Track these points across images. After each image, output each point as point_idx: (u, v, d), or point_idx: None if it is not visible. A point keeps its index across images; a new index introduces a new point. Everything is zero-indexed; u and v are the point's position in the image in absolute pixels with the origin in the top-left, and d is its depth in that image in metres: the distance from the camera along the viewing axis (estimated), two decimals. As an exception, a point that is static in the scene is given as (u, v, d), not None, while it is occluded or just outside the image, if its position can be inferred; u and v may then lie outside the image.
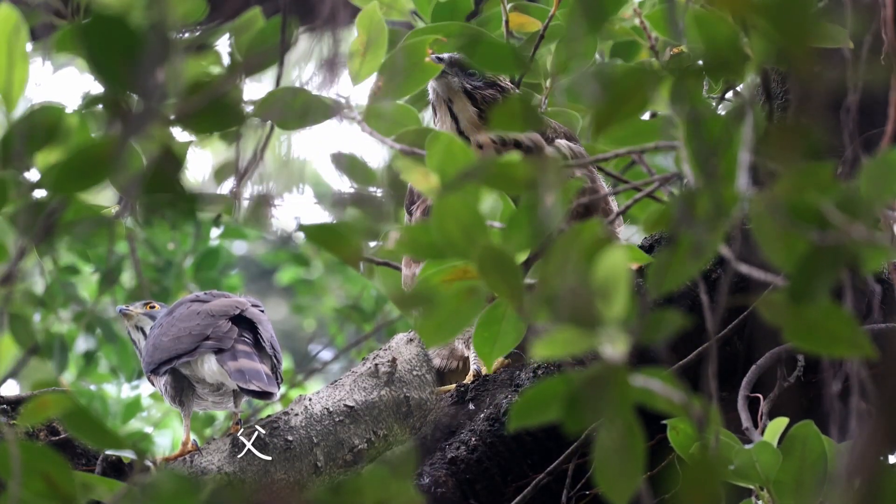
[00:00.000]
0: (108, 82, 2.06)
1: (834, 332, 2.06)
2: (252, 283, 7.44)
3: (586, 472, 3.30)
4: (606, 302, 1.99)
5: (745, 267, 2.12)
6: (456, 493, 3.33)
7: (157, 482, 2.24)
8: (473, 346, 2.63)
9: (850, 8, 2.75)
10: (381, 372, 3.49)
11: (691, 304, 3.32)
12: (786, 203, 2.01)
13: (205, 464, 3.36)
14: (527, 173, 2.16)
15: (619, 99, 2.12)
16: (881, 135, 2.48)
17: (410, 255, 2.83)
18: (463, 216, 2.23)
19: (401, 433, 3.46)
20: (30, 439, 3.36)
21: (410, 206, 3.64)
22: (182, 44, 2.06)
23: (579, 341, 2.00)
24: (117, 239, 5.10)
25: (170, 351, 3.47)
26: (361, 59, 3.12)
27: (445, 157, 2.37)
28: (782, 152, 2.00)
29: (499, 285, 2.21)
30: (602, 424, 2.02)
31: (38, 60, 3.29)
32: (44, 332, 5.31)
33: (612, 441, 2.01)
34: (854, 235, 1.98)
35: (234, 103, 2.10)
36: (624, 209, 2.50)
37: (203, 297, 3.64)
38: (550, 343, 2.00)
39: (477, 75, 3.59)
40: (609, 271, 1.99)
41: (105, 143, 2.11)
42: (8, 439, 2.26)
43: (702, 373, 2.87)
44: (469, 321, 2.33)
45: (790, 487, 2.85)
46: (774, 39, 2.08)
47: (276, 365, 3.49)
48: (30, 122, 2.29)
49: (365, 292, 5.91)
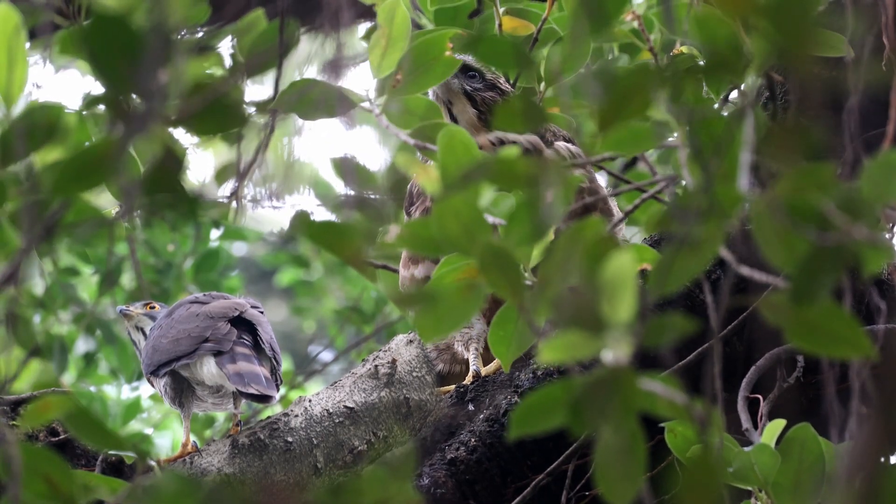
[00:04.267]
0: (109, 83, 2.06)
1: (836, 333, 2.06)
2: (252, 284, 7.44)
3: (586, 473, 3.30)
4: (611, 305, 1.99)
5: (746, 268, 2.13)
6: (455, 493, 3.33)
7: (159, 482, 2.25)
8: (490, 346, 2.63)
9: (850, 10, 2.76)
10: (381, 373, 3.50)
11: (691, 305, 3.32)
12: (787, 203, 2.01)
13: (205, 465, 3.36)
14: (527, 170, 2.16)
15: (622, 100, 2.12)
16: (882, 135, 2.49)
17: (410, 250, 2.83)
18: (463, 213, 2.23)
19: (401, 434, 3.47)
20: (29, 440, 3.36)
21: (409, 207, 3.64)
22: (184, 45, 2.07)
23: (584, 346, 2.00)
24: (117, 240, 5.11)
25: (169, 353, 3.46)
26: (382, 52, 3.12)
27: (448, 152, 2.37)
28: (783, 153, 2.00)
29: (500, 282, 2.21)
30: (605, 428, 2.02)
31: (39, 60, 3.29)
32: (44, 333, 5.31)
33: (613, 443, 2.01)
34: (855, 236, 1.98)
35: (235, 105, 2.10)
36: (629, 211, 2.50)
37: (202, 298, 3.63)
38: (555, 348, 2.00)
39: (477, 77, 3.59)
40: (615, 275, 1.99)
41: (106, 144, 2.11)
42: (9, 441, 2.26)
43: (702, 373, 2.87)
44: (467, 318, 2.33)
45: (788, 489, 2.85)
46: (775, 40, 2.08)
47: (275, 367, 3.49)
48: (29, 121, 2.30)
49: (365, 294, 5.91)
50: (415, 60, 3.14)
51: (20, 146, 2.28)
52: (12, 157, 2.30)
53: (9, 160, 2.30)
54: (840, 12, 2.76)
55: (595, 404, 1.97)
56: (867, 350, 2.07)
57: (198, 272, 5.52)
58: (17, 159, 2.29)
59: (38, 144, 2.31)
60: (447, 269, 2.31)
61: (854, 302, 3.29)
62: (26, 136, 2.28)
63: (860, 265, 2.03)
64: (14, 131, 2.29)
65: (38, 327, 5.32)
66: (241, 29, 2.55)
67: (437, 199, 2.27)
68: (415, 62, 3.14)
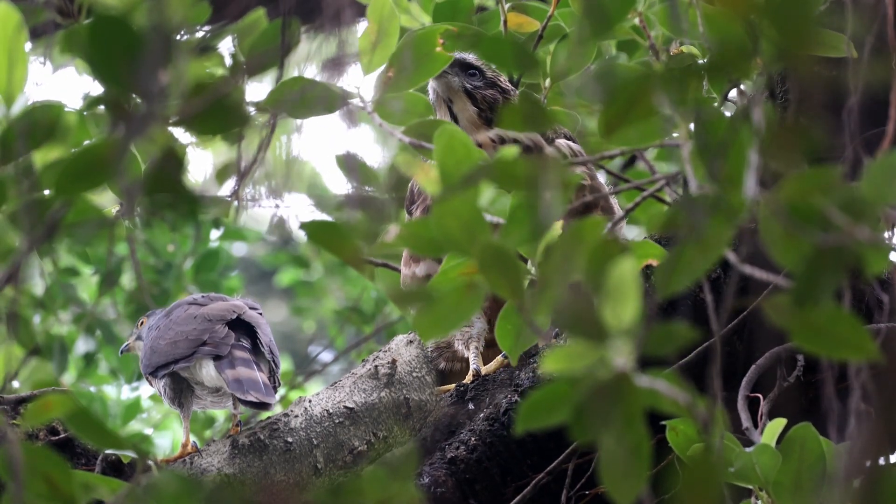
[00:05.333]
0: (110, 83, 2.06)
1: (840, 334, 2.06)
2: (252, 284, 7.44)
3: (586, 472, 3.30)
4: (615, 312, 1.99)
5: (748, 268, 2.13)
6: (456, 493, 3.33)
7: (159, 482, 2.25)
8: (497, 339, 2.62)
9: (851, 9, 2.76)
10: (381, 374, 3.50)
11: (692, 304, 3.32)
12: (789, 205, 2.01)
13: (204, 465, 3.36)
14: (527, 170, 2.16)
15: (628, 103, 2.12)
16: (882, 135, 2.49)
17: (410, 249, 2.83)
18: (463, 212, 2.23)
19: (401, 435, 3.46)
20: (30, 439, 3.36)
21: (410, 205, 3.64)
22: (185, 45, 2.06)
23: (587, 355, 1.99)
24: (117, 241, 5.10)
25: (167, 355, 3.46)
26: (372, 49, 3.12)
27: (447, 152, 2.37)
28: (783, 153, 2.00)
29: (499, 282, 2.21)
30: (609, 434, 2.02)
31: (39, 60, 3.29)
32: (44, 333, 5.31)
33: (617, 442, 2.01)
34: (858, 237, 1.98)
35: (236, 105, 2.10)
36: (630, 209, 2.50)
37: (200, 300, 3.62)
38: (558, 357, 2.00)
39: (477, 75, 3.59)
40: (618, 280, 1.99)
41: (107, 145, 2.11)
42: (10, 440, 2.26)
43: (703, 372, 2.87)
44: (467, 316, 2.33)
45: (789, 489, 2.85)
46: (775, 39, 2.08)
47: (273, 369, 3.48)
48: (29, 121, 2.30)
49: (365, 294, 5.91)
50: (406, 57, 3.13)
51: (20, 145, 2.28)
52: (12, 157, 2.30)
53: (9, 159, 2.30)
54: (840, 12, 2.77)
55: (599, 410, 1.97)
56: (871, 352, 2.07)
57: (198, 272, 5.52)
58: (16, 158, 2.29)
59: (38, 144, 2.31)
60: (450, 267, 2.31)
61: (853, 300, 3.29)
62: (26, 135, 2.28)
63: (862, 266, 2.03)
64: (14, 130, 2.29)
65: (38, 327, 5.32)
66: (242, 29, 2.55)
67: (437, 199, 2.27)
68: (406, 58, 3.13)
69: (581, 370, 1.99)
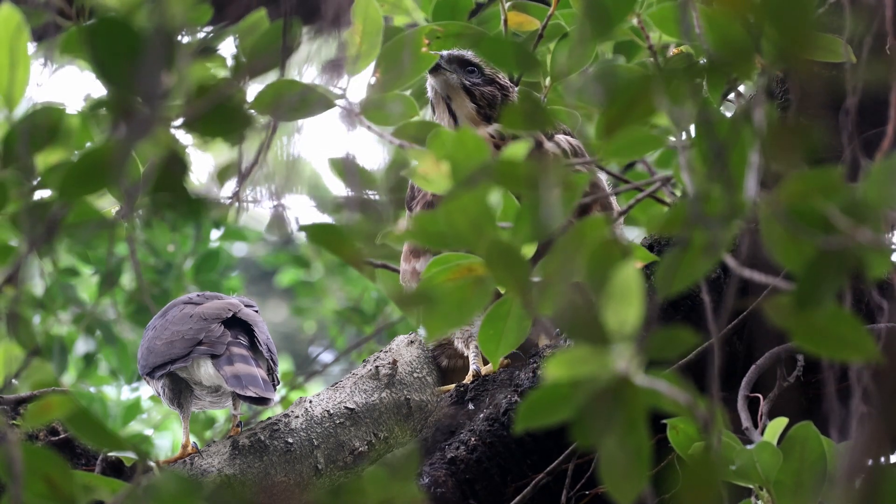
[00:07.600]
0: (112, 85, 2.06)
1: (841, 336, 2.06)
2: (252, 284, 7.44)
3: (586, 472, 3.30)
4: (617, 317, 1.99)
5: (748, 270, 2.13)
6: (456, 493, 3.33)
7: (159, 483, 2.25)
8: (479, 343, 2.63)
9: (849, 9, 2.76)
10: (382, 374, 3.50)
11: (692, 304, 3.32)
12: (791, 207, 2.01)
13: (205, 466, 3.36)
14: (530, 170, 2.16)
15: (627, 106, 2.12)
16: (881, 135, 2.49)
17: (418, 243, 2.83)
18: (471, 209, 2.23)
19: (401, 435, 3.47)
20: (30, 440, 3.36)
21: (410, 202, 3.64)
22: (187, 47, 2.07)
23: (590, 361, 2.00)
24: (117, 241, 5.10)
25: (164, 356, 3.45)
26: (357, 50, 3.12)
27: (457, 149, 2.36)
28: (783, 153, 2.00)
29: (506, 278, 2.21)
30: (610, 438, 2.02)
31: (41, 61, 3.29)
32: (43, 334, 5.31)
33: (619, 445, 2.01)
34: (859, 239, 1.98)
35: (238, 107, 2.10)
36: (626, 209, 2.51)
37: (196, 299, 3.62)
38: (561, 363, 2.00)
39: (476, 73, 3.59)
40: (621, 286, 1.99)
41: (109, 148, 2.11)
42: (10, 441, 2.26)
43: (702, 372, 2.87)
44: (474, 313, 2.34)
45: (790, 488, 2.85)
46: (775, 40, 2.08)
47: (272, 367, 3.48)
48: (31, 123, 2.30)
49: (365, 294, 5.91)
50: (392, 58, 3.13)
51: (22, 148, 2.28)
52: (14, 159, 2.30)
53: (11, 161, 2.30)
54: (839, 13, 2.77)
55: (601, 415, 1.97)
56: (872, 353, 2.07)
57: (198, 272, 5.52)
58: (18, 160, 2.29)
59: (40, 146, 2.31)
60: (438, 269, 2.32)
61: (854, 301, 3.29)
62: (28, 137, 2.28)
63: (864, 268, 2.03)
64: (16, 133, 2.29)
65: (38, 328, 5.32)
66: (244, 30, 2.55)
67: (447, 194, 2.27)
68: (392, 59, 3.13)
69: (583, 374, 1.99)
